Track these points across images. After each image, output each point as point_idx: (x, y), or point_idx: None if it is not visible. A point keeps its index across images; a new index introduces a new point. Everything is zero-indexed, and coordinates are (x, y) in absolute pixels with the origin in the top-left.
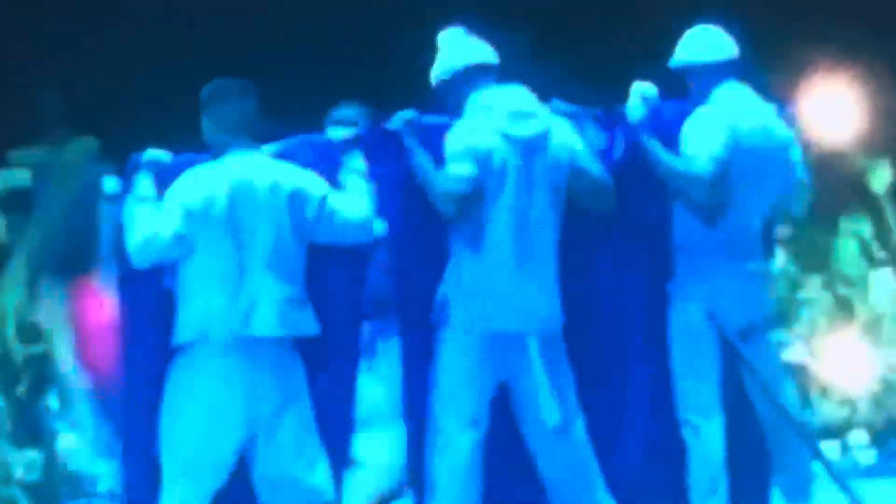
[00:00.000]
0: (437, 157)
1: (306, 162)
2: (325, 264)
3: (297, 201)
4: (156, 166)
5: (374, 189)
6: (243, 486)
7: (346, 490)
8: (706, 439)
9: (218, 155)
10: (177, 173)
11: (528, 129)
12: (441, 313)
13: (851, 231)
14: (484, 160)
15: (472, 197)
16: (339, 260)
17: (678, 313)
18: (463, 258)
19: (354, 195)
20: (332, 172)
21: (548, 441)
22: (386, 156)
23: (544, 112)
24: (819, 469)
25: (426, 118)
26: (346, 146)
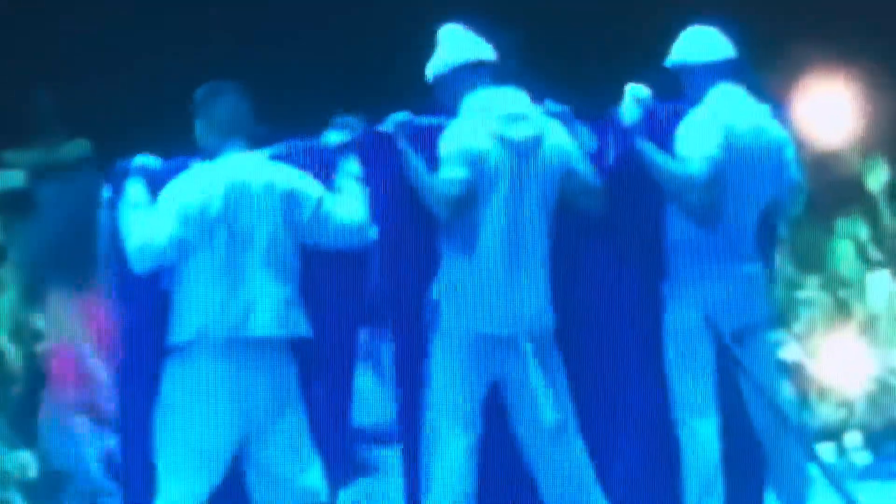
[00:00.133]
0: (430, 159)
1: (301, 166)
2: (321, 267)
3: (293, 202)
4: (146, 171)
5: (368, 192)
6: (238, 486)
7: (341, 494)
8: (701, 440)
9: (211, 157)
10: (167, 178)
11: (521, 132)
12: (433, 315)
13: (848, 232)
14: (477, 163)
15: (466, 199)
16: (336, 263)
17: (673, 315)
18: (455, 260)
19: (349, 199)
20: (327, 176)
21: (541, 443)
22: (378, 158)
23: (538, 114)
24: (815, 471)
25: (419, 119)
26: (341, 150)
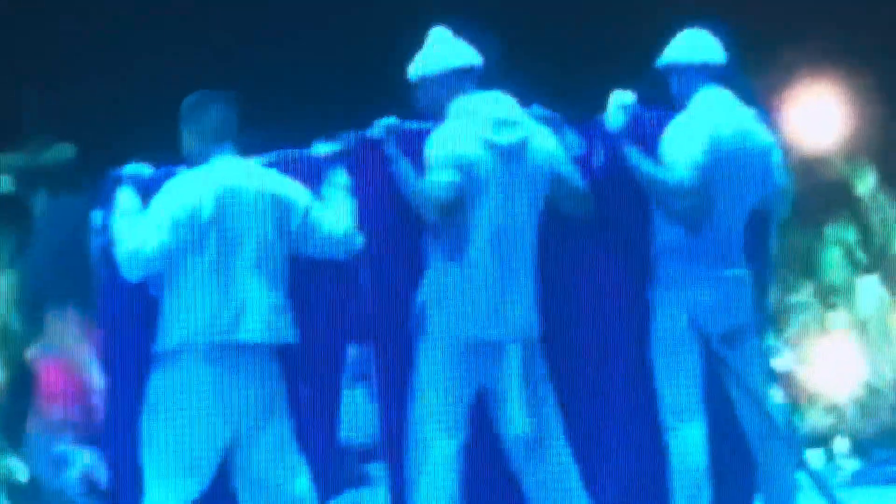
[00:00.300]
0: (418, 163)
1: (290, 175)
2: (309, 274)
3: (283, 208)
4: (137, 180)
5: (356, 203)
6: (224, 491)
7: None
8: (688, 445)
9: (198, 166)
10: (158, 186)
11: (509, 137)
12: (419, 320)
13: (836, 237)
14: (466, 167)
15: (454, 203)
16: (324, 271)
17: (660, 320)
18: (442, 265)
19: (337, 209)
20: (315, 187)
21: (527, 449)
22: (367, 163)
23: (525, 119)
24: (804, 477)
25: (407, 124)
26: (329, 160)
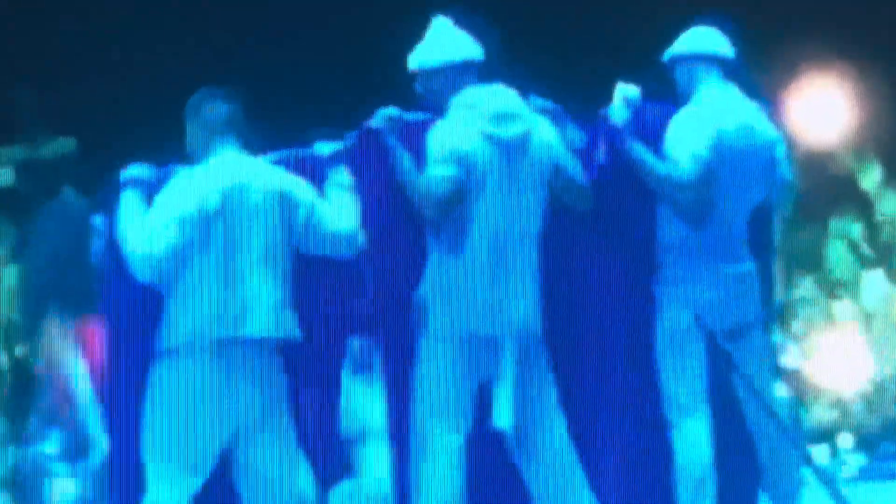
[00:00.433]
0: (418, 154)
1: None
2: (312, 270)
3: (287, 205)
4: (140, 181)
5: (359, 202)
6: (225, 487)
7: (330, 499)
8: (693, 441)
9: (202, 162)
10: (160, 186)
11: (510, 130)
12: (420, 314)
13: (841, 232)
14: (466, 161)
15: (454, 198)
16: (327, 267)
17: (664, 315)
18: (442, 260)
19: (340, 208)
20: (318, 186)
21: (518, 444)
22: (365, 154)
23: (527, 112)
24: (808, 473)
25: (407, 115)
26: (332, 160)
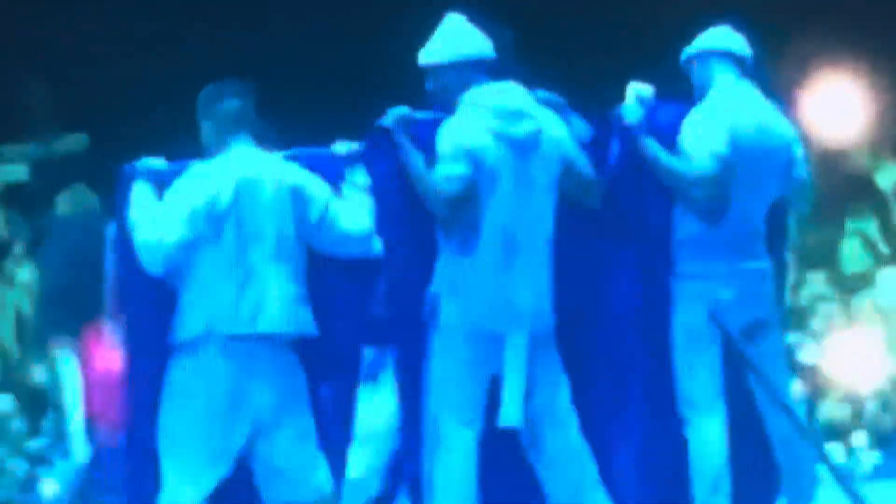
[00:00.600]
0: (429, 153)
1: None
2: (328, 268)
3: (301, 200)
4: (152, 174)
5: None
6: (245, 480)
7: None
8: (708, 438)
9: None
10: (172, 179)
11: (521, 129)
12: (432, 311)
13: (857, 230)
14: (477, 160)
15: (465, 197)
16: (342, 265)
17: (679, 312)
18: (453, 257)
19: (356, 208)
20: (334, 186)
21: (542, 442)
22: (378, 154)
23: (537, 110)
24: (824, 471)
25: (418, 114)
26: (348, 160)
